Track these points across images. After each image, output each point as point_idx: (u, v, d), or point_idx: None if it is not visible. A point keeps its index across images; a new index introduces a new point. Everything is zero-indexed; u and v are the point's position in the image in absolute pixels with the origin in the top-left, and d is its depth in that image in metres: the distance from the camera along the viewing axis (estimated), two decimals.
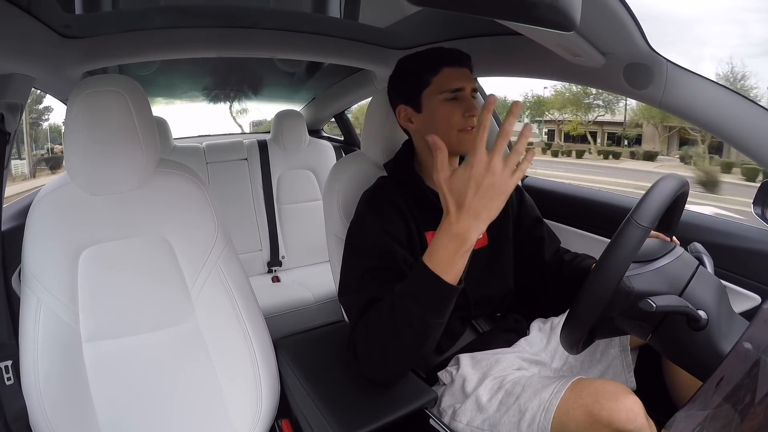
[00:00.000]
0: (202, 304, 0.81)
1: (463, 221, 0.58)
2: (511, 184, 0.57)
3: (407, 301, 0.62)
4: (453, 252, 0.60)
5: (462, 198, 0.58)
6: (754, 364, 0.43)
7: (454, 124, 0.80)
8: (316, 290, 1.65)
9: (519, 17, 0.43)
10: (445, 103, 0.81)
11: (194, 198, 0.84)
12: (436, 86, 0.81)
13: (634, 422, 0.59)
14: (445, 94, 0.80)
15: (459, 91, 0.80)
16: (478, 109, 0.80)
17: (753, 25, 27.75)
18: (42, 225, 0.76)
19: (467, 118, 0.80)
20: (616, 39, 0.77)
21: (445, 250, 0.60)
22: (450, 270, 0.61)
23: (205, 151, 1.90)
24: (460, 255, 0.60)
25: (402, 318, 0.62)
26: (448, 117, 0.80)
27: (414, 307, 0.62)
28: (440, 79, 0.81)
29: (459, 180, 0.58)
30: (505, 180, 0.57)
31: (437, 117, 0.82)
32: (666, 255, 0.63)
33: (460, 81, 0.81)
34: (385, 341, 0.65)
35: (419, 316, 0.62)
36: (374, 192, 0.85)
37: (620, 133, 20.30)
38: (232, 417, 0.80)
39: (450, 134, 0.81)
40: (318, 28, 1.24)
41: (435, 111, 0.82)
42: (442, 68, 0.81)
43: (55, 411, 0.73)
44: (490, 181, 0.56)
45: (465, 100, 0.81)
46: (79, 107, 0.74)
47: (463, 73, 0.82)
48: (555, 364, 0.87)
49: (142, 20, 1.11)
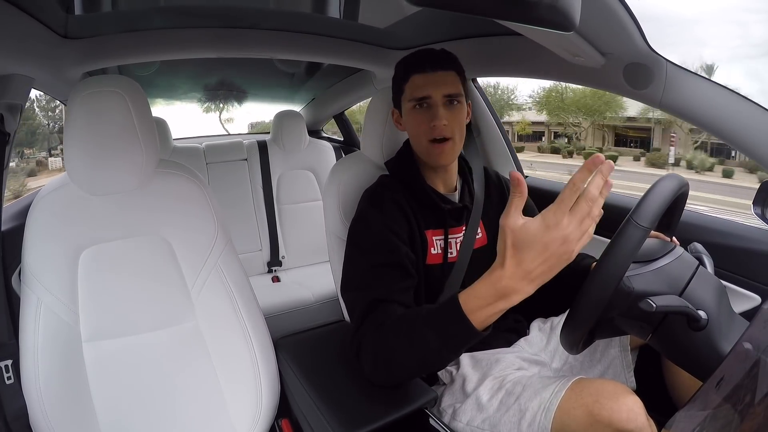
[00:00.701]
0: (202, 304, 0.81)
1: (516, 281, 0.54)
2: (578, 250, 0.51)
3: (429, 331, 0.61)
4: (492, 305, 0.56)
5: (524, 257, 0.52)
6: (754, 364, 0.43)
7: (422, 133, 0.80)
8: (316, 290, 1.65)
9: (519, 17, 0.43)
10: (413, 110, 0.81)
11: (194, 198, 0.84)
12: (407, 94, 0.82)
13: (635, 422, 0.59)
14: (413, 102, 0.80)
15: (425, 99, 0.79)
16: (442, 119, 0.78)
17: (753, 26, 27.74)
18: (42, 225, 0.76)
19: (433, 128, 0.78)
20: (615, 39, 0.77)
21: (484, 300, 0.56)
22: (482, 318, 0.57)
23: (204, 152, 1.90)
24: (498, 310, 0.56)
25: (419, 345, 0.62)
26: (416, 125, 0.81)
27: (434, 341, 0.61)
28: (409, 86, 0.81)
29: (529, 236, 0.52)
30: (574, 247, 0.51)
31: (409, 125, 0.83)
32: (666, 255, 0.63)
33: (426, 89, 0.79)
34: (396, 358, 0.65)
35: (437, 350, 0.61)
36: (376, 190, 0.85)
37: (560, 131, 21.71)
38: (232, 417, 0.80)
39: (420, 143, 0.82)
40: (317, 28, 1.25)
41: (407, 118, 0.83)
42: (410, 76, 0.81)
43: (55, 410, 0.73)
44: (561, 249, 0.51)
45: (432, 107, 0.79)
46: (79, 107, 0.74)
47: (435, 79, 0.79)
48: (555, 364, 0.87)
49: (142, 21, 1.11)
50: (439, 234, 0.84)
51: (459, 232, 0.86)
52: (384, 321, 0.68)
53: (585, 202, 0.50)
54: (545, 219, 0.51)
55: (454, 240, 0.86)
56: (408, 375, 0.69)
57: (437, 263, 0.84)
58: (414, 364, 0.65)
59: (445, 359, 0.65)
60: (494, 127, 1.45)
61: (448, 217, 0.84)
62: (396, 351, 0.65)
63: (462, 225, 0.87)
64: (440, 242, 0.84)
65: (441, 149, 0.80)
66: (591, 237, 0.52)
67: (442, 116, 0.78)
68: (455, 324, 0.59)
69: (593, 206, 0.50)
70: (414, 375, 0.70)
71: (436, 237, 0.84)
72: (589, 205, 0.50)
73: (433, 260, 0.83)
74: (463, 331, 0.58)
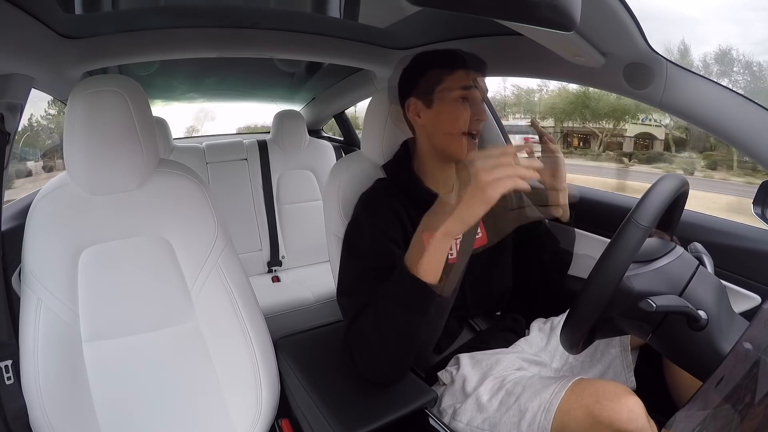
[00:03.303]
0: (202, 304, 0.81)
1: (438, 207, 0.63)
2: (491, 191, 0.58)
3: (389, 303, 0.64)
4: (422, 248, 0.62)
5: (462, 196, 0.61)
6: (754, 364, 0.43)
7: (462, 125, 0.80)
8: (316, 290, 1.65)
9: (519, 17, 0.43)
10: (456, 102, 0.81)
11: (194, 198, 0.84)
12: (450, 83, 0.81)
13: (636, 422, 0.59)
14: (458, 91, 0.80)
15: (470, 89, 0.80)
16: (486, 116, 0.82)
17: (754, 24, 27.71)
18: (42, 225, 0.76)
19: (475, 121, 0.80)
20: (616, 39, 0.77)
21: (417, 242, 0.63)
22: (426, 268, 0.63)
23: (205, 151, 1.90)
24: (432, 251, 0.62)
25: (387, 320, 0.64)
26: (456, 116, 0.80)
27: (396, 309, 0.64)
28: (455, 79, 0.81)
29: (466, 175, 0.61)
30: (486, 182, 0.58)
31: (445, 115, 0.81)
32: (666, 255, 0.63)
33: (472, 82, 0.81)
34: (375, 345, 0.66)
35: (404, 318, 0.64)
36: (371, 194, 0.85)
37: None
38: (232, 417, 0.80)
39: (452, 135, 0.81)
40: (318, 28, 1.24)
41: (444, 109, 0.82)
42: (458, 69, 0.81)
43: (54, 410, 0.73)
44: (475, 184, 0.59)
45: (475, 103, 0.81)
46: (79, 107, 0.74)
47: (475, 79, 0.82)
48: (555, 365, 0.87)
49: (142, 20, 1.11)
50: None
51: None
52: (362, 320, 0.69)
53: (503, 157, 0.59)
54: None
55: (455, 241, 0.85)
56: (394, 358, 0.68)
57: None
58: (392, 343, 0.66)
59: (416, 327, 0.65)
60: (494, 127, 1.45)
61: None
62: (373, 338, 0.66)
63: None
64: None
65: (473, 144, 0.82)
66: (513, 186, 0.58)
67: (485, 113, 0.82)
68: (406, 283, 0.63)
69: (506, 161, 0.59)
70: (400, 357, 0.69)
71: None
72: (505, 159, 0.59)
73: None
74: (414, 287, 0.63)
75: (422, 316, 0.64)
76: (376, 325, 0.66)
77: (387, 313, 0.65)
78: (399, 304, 0.64)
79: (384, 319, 0.65)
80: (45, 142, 3.42)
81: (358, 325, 0.69)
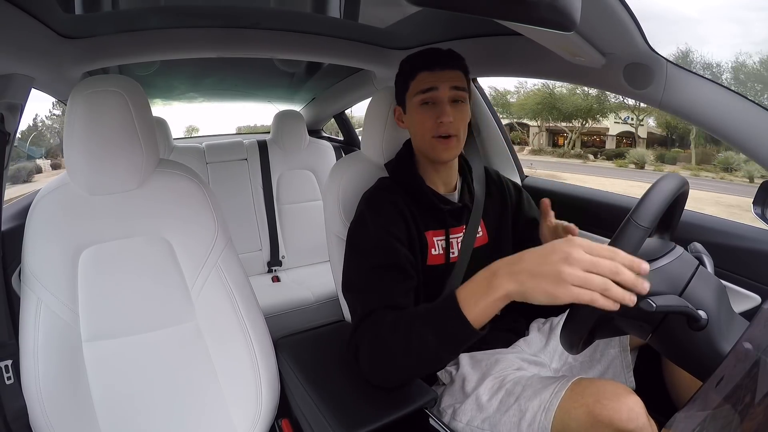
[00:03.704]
0: (202, 304, 0.81)
1: (503, 267, 0.56)
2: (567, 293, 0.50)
3: (427, 330, 0.61)
4: (483, 295, 0.57)
5: (525, 253, 0.55)
6: (754, 364, 0.43)
7: (427, 130, 0.81)
8: (316, 290, 1.65)
9: (519, 17, 0.43)
10: (420, 107, 0.81)
11: (194, 198, 0.84)
12: (413, 89, 0.82)
13: (636, 422, 0.59)
14: (419, 96, 0.81)
15: (430, 91, 0.79)
16: (449, 115, 0.79)
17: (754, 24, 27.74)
18: (42, 225, 0.76)
19: (439, 124, 0.79)
20: (616, 39, 0.77)
21: (477, 287, 0.58)
22: (477, 313, 0.58)
23: (205, 151, 1.90)
24: (489, 301, 0.56)
25: (417, 344, 0.62)
26: (421, 122, 0.81)
27: (432, 339, 0.61)
28: (416, 82, 0.81)
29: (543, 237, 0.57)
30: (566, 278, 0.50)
31: (414, 120, 0.83)
32: (666, 255, 0.63)
33: (434, 86, 0.80)
34: (394, 358, 0.65)
35: (435, 349, 0.62)
36: (374, 193, 0.85)
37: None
38: (232, 416, 0.80)
39: (424, 139, 0.82)
40: (318, 28, 1.24)
41: (412, 114, 0.83)
42: (418, 72, 0.81)
43: (55, 411, 0.73)
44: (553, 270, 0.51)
45: (438, 104, 0.80)
46: (79, 107, 0.74)
47: (442, 77, 0.80)
48: (554, 365, 0.87)
49: (142, 20, 1.11)
50: (440, 234, 0.84)
51: (460, 231, 0.87)
52: (382, 323, 0.68)
53: (606, 261, 0.49)
54: (566, 238, 0.54)
55: (456, 240, 0.86)
56: (406, 376, 0.69)
57: (439, 264, 0.84)
58: (412, 365, 0.66)
59: (443, 359, 0.65)
60: (494, 126, 1.45)
61: (449, 217, 0.85)
62: (394, 351, 0.65)
63: (462, 225, 0.87)
64: (442, 243, 0.84)
65: (446, 144, 0.80)
66: (589, 302, 0.49)
67: (448, 113, 0.79)
68: (452, 320, 0.59)
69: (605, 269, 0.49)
70: (412, 376, 0.70)
71: (437, 238, 0.84)
72: (606, 266, 0.49)
73: (435, 261, 0.84)
74: (459, 327, 0.59)
75: (454, 354, 0.64)
76: (401, 342, 0.64)
77: (421, 337, 0.62)
78: (436, 336, 0.61)
79: (415, 342, 0.63)
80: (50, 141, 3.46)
81: (375, 329, 0.67)
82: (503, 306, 0.57)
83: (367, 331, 0.69)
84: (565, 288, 0.50)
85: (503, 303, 0.57)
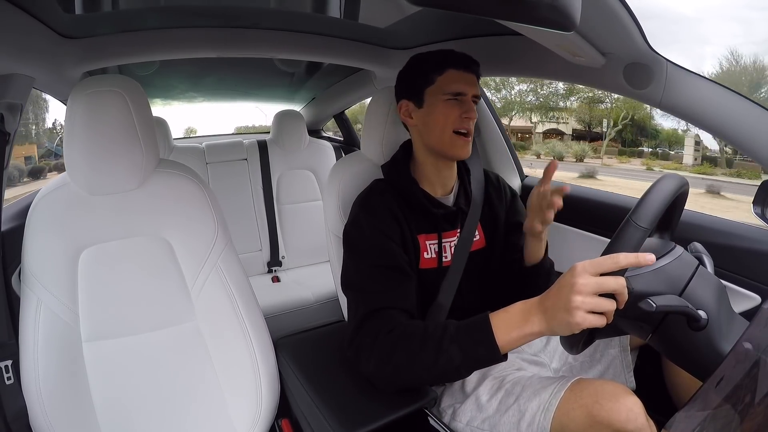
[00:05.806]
0: (202, 304, 0.81)
1: (536, 305, 0.60)
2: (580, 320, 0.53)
3: (455, 349, 0.64)
4: (518, 328, 0.61)
5: (552, 289, 0.59)
6: (754, 364, 0.43)
7: (451, 123, 0.80)
8: (316, 290, 1.65)
9: (519, 17, 0.43)
10: (445, 102, 0.81)
11: (194, 198, 0.84)
12: (439, 85, 0.81)
13: (635, 422, 0.59)
14: (447, 95, 0.81)
15: (460, 96, 0.81)
16: (476, 114, 0.82)
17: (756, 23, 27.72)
18: (42, 225, 0.76)
19: (464, 119, 0.80)
20: (616, 39, 0.77)
21: (514, 320, 0.62)
22: (507, 340, 0.62)
23: (205, 151, 1.90)
24: (523, 334, 0.61)
25: (443, 361, 0.64)
26: (445, 115, 0.81)
27: (458, 358, 0.63)
28: (444, 79, 0.81)
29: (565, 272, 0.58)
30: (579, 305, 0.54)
31: (435, 114, 0.82)
32: (666, 255, 0.63)
33: (463, 85, 0.81)
34: (412, 368, 0.66)
35: (457, 368, 0.64)
36: (367, 195, 0.85)
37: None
38: (232, 417, 0.80)
39: (444, 133, 0.81)
40: (318, 28, 1.24)
41: (434, 108, 0.82)
42: (447, 69, 0.81)
43: (55, 410, 0.73)
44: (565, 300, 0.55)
45: (465, 102, 0.81)
46: (79, 107, 0.74)
47: (468, 78, 0.82)
48: (554, 365, 0.87)
49: (142, 20, 1.11)
50: (432, 238, 0.84)
51: (453, 235, 0.86)
52: (393, 328, 0.68)
53: (611, 281, 0.53)
54: (571, 267, 0.56)
55: (449, 244, 0.85)
56: (417, 384, 0.70)
57: (431, 268, 0.83)
58: (429, 377, 0.67)
59: (459, 376, 0.68)
60: (494, 127, 1.45)
61: (441, 221, 0.84)
62: (413, 361, 0.65)
63: (456, 229, 0.86)
64: (434, 246, 0.84)
65: (465, 141, 0.82)
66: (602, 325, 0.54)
67: (475, 110, 0.82)
68: (483, 346, 0.62)
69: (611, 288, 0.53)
70: (422, 384, 0.70)
71: (429, 241, 0.84)
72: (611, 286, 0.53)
73: (427, 265, 0.83)
74: (489, 353, 0.62)
75: (470, 372, 0.67)
76: (426, 357, 0.65)
77: (448, 356, 0.63)
78: (463, 356, 0.63)
79: (440, 358, 0.64)
80: None
81: (397, 342, 0.67)
82: (534, 338, 0.62)
83: (379, 335, 0.68)
84: (579, 316, 0.54)
85: (535, 338, 0.61)
